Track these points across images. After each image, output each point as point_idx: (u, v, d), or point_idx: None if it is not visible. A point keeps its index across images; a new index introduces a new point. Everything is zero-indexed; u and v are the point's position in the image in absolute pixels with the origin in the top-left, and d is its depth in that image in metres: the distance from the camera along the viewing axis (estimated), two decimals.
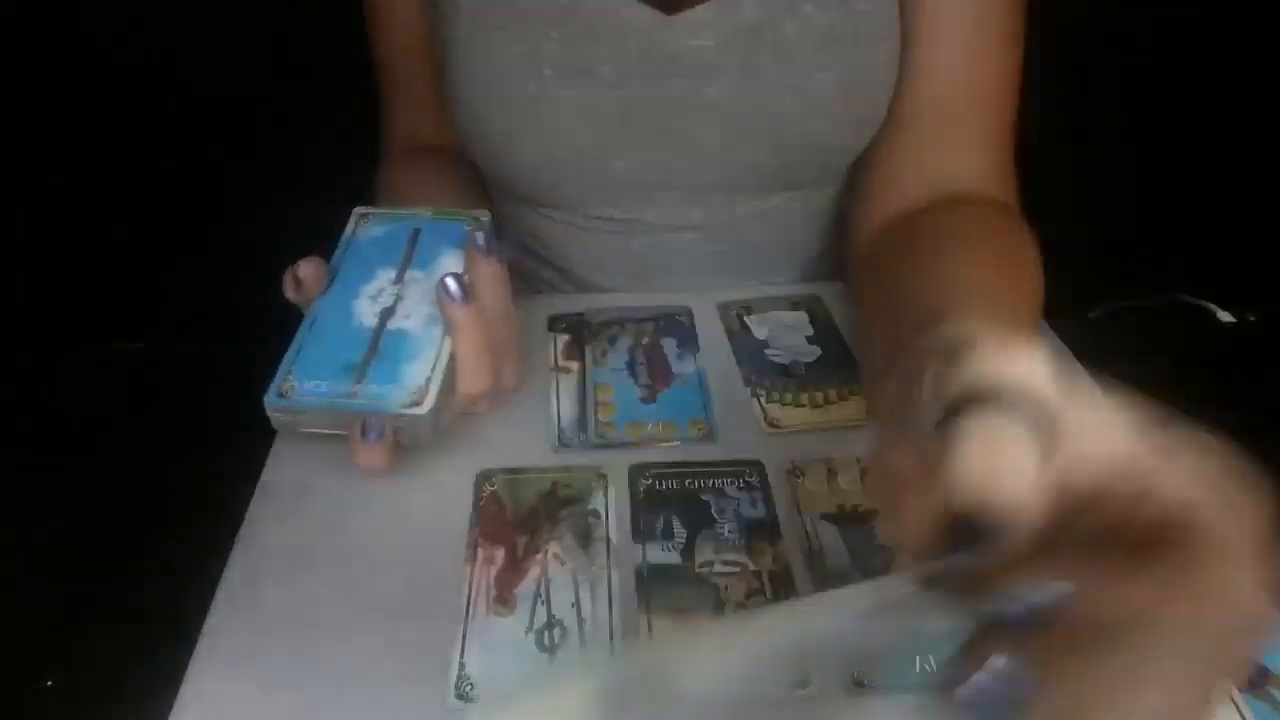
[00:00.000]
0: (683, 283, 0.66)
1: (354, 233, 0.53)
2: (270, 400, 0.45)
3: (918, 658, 0.40)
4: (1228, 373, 1.51)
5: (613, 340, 0.59)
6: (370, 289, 0.50)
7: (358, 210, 0.55)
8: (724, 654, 0.29)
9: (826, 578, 0.44)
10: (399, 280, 0.50)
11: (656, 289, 0.66)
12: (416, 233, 0.53)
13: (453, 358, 0.47)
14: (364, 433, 0.44)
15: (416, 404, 0.45)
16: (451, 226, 0.53)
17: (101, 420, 1.41)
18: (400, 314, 0.49)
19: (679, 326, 0.61)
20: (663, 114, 0.58)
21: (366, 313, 0.49)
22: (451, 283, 0.46)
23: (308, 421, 0.46)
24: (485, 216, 0.53)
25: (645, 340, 0.59)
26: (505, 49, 0.57)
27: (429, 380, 0.45)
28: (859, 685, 0.39)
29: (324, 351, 0.47)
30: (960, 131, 0.57)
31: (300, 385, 0.46)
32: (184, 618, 0.44)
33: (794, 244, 0.67)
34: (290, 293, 0.50)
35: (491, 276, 0.48)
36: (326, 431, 0.46)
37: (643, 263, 0.66)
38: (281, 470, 0.51)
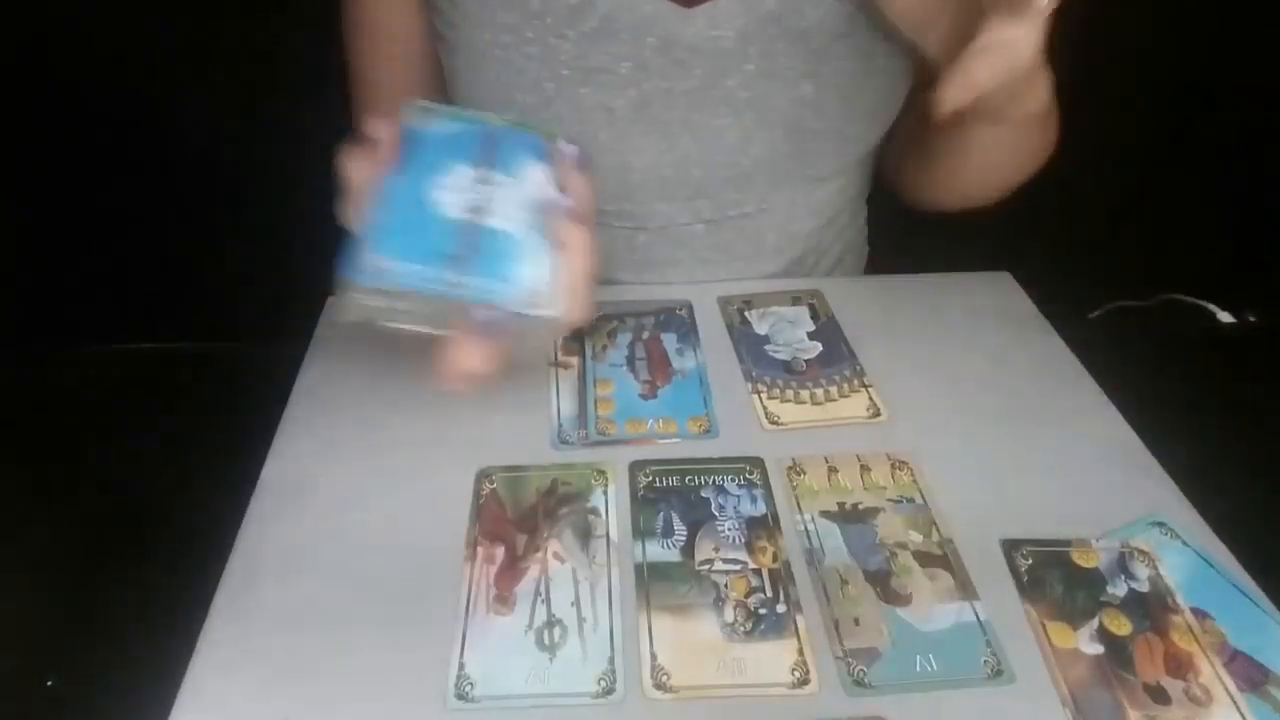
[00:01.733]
0: (684, 274, 0.66)
1: (413, 124, 0.47)
2: (361, 279, 0.39)
3: (918, 657, 0.40)
4: (1228, 373, 1.51)
5: (613, 335, 0.59)
6: (447, 182, 0.44)
7: (415, 102, 0.48)
8: None
9: (826, 575, 0.44)
10: (484, 181, 0.45)
11: (659, 281, 0.66)
12: (491, 136, 0.47)
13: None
14: (483, 329, 0.40)
15: (540, 305, 0.41)
16: (529, 137, 0.47)
17: (102, 420, 1.41)
18: (493, 214, 0.43)
19: (679, 321, 0.61)
20: (680, 107, 0.58)
21: (450, 204, 0.43)
22: (573, 204, 0.43)
23: (402, 312, 0.41)
24: (560, 135, 0.48)
25: (645, 335, 0.59)
26: (519, 51, 0.57)
27: (549, 285, 0.41)
28: (859, 685, 0.39)
29: (408, 236, 0.41)
30: None
31: (397, 266, 0.39)
32: (184, 618, 0.44)
33: (796, 237, 0.67)
34: (355, 163, 0.44)
35: (590, 199, 0.46)
36: (414, 328, 0.41)
37: (647, 255, 0.66)
38: (281, 470, 0.50)
